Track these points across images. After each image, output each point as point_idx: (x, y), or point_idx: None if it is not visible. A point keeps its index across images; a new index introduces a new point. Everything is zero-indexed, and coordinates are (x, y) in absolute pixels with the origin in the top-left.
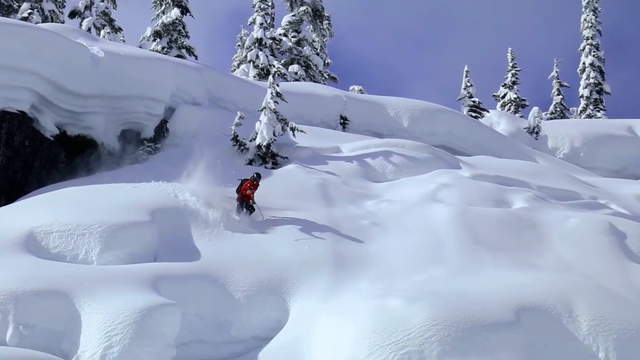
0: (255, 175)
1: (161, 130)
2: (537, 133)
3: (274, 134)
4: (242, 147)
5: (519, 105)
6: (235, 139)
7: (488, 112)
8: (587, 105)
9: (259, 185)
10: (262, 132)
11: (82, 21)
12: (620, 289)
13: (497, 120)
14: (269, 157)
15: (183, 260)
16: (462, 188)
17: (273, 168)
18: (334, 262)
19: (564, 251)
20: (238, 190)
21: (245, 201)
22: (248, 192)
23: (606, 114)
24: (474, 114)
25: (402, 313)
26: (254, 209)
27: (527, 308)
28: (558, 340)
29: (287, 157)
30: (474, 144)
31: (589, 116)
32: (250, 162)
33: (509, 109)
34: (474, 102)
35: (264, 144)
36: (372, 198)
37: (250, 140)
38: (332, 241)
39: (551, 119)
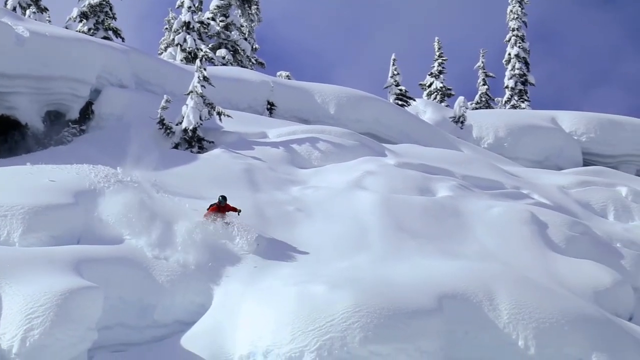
0: (220, 198)
1: (86, 112)
2: (462, 122)
3: (200, 118)
4: (168, 131)
5: (445, 95)
6: (161, 122)
7: (414, 100)
8: (511, 95)
9: (224, 206)
10: (188, 116)
11: (7, 0)
12: (541, 278)
13: (423, 109)
14: (195, 141)
15: (107, 243)
16: (387, 176)
17: (199, 152)
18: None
19: (486, 240)
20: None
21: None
22: (218, 214)
23: (530, 105)
24: (400, 102)
25: (325, 299)
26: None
27: (449, 296)
28: (479, 328)
29: (213, 142)
30: (399, 132)
31: (514, 107)
32: (176, 146)
33: (435, 98)
34: (400, 90)
35: (190, 127)
36: (297, 184)
37: (177, 124)
38: (257, 227)
39: (476, 108)
